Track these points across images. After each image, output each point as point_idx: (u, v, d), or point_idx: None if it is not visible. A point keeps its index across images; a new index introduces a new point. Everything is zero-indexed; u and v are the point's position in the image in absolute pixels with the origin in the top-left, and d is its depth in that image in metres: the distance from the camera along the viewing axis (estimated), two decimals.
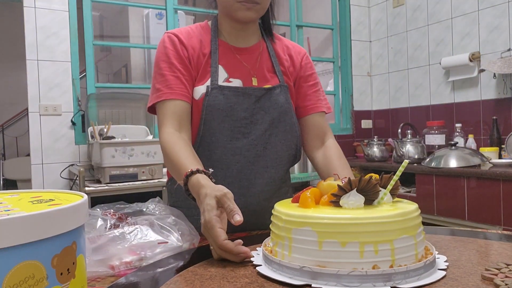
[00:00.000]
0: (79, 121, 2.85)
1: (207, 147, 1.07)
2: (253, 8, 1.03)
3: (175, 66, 1.06)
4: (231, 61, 1.11)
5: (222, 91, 1.05)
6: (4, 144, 6.90)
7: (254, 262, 0.72)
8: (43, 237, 0.42)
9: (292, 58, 1.18)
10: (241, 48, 1.13)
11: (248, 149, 1.07)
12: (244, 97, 1.06)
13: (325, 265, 0.63)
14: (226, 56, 1.11)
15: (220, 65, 1.09)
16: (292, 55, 1.19)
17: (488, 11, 2.94)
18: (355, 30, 3.84)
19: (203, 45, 1.10)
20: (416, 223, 0.67)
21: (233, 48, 1.12)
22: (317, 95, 1.20)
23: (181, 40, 1.08)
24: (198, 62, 1.08)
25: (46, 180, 2.76)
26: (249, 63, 1.12)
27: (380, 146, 3.27)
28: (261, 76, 1.12)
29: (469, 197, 2.44)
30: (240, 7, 1.03)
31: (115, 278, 0.72)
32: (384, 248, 0.62)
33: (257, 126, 1.07)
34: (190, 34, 1.11)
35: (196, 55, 1.08)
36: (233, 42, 1.13)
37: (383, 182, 0.72)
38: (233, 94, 1.06)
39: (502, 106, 2.89)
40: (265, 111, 1.08)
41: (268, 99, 1.09)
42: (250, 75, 1.11)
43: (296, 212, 0.67)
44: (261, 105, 1.08)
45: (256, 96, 1.08)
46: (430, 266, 0.66)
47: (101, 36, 5.26)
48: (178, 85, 1.05)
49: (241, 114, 1.06)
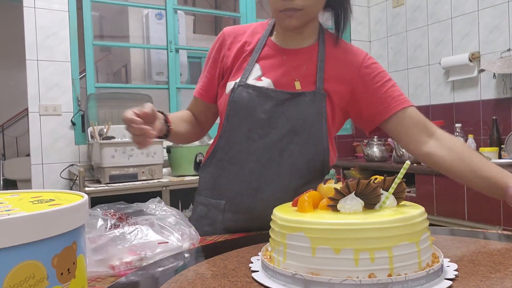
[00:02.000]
0: (79, 121, 2.85)
1: (227, 141, 1.09)
2: (294, 15, 1.00)
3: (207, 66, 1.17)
4: (272, 61, 1.09)
5: (247, 89, 1.05)
6: (4, 144, 6.90)
7: (252, 268, 0.72)
8: (43, 237, 0.42)
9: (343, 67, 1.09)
10: (289, 50, 1.09)
11: (263, 152, 1.05)
12: (266, 98, 1.04)
13: (319, 272, 0.60)
14: (268, 56, 1.09)
15: (258, 63, 1.09)
16: (344, 63, 1.09)
17: (488, 11, 2.94)
18: (354, 30, 3.84)
19: (247, 44, 1.12)
20: (420, 229, 0.63)
21: (279, 49, 1.09)
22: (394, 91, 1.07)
23: (227, 36, 1.14)
24: (235, 59, 1.11)
25: (46, 180, 2.76)
26: (293, 64, 1.08)
27: (380, 146, 3.27)
28: (305, 80, 1.06)
29: (469, 197, 2.44)
30: (283, 16, 1.01)
31: (115, 278, 0.72)
32: (381, 255, 0.59)
33: (275, 131, 1.04)
34: (240, 31, 1.15)
35: (236, 52, 1.12)
36: (283, 43, 1.10)
37: (387, 184, 0.69)
38: (256, 94, 1.04)
39: (502, 106, 2.90)
40: (286, 117, 1.04)
41: (294, 105, 1.04)
42: (291, 77, 1.06)
43: (290, 217, 0.65)
44: (284, 110, 1.04)
45: (278, 100, 1.04)
46: (435, 276, 0.62)
47: (101, 36, 5.26)
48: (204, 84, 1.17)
49: (260, 115, 1.04)
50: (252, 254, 0.80)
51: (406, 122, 1.05)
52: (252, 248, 0.85)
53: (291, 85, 1.05)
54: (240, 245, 0.88)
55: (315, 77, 1.06)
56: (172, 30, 3.17)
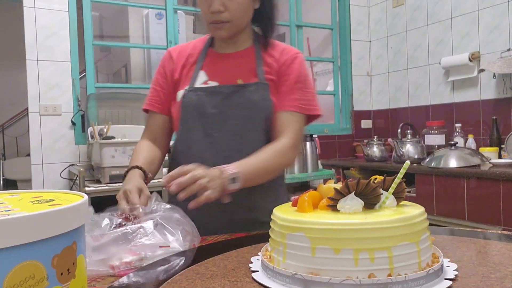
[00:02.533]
0: (79, 121, 2.85)
1: (186, 143, 1.17)
2: (223, 27, 1.12)
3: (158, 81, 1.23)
4: (215, 66, 1.20)
5: (196, 92, 1.15)
6: (4, 144, 6.89)
7: (252, 268, 0.72)
8: (43, 237, 0.42)
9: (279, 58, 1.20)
10: (228, 54, 1.21)
11: (222, 143, 1.14)
12: (214, 95, 1.15)
13: (319, 272, 0.61)
14: (211, 63, 1.21)
15: (203, 70, 1.19)
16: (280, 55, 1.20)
17: (488, 11, 2.94)
18: (354, 30, 3.84)
19: (191, 56, 1.22)
20: (420, 228, 0.63)
21: (220, 55, 1.21)
22: (291, 94, 1.17)
23: (171, 55, 1.23)
24: (182, 71, 1.21)
25: (46, 180, 2.76)
26: (234, 66, 1.19)
27: (379, 146, 3.27)
28: (245, 77, 1.18)
29: (469, 197, 2.44)
30: (213, 27, 1.13)
31: (115, 278, 0.72)
32: (381, 255, 0.59)
33: (230, 121, 1.14)
34: (183, 48, 1.25)
35: (180, 66, 1.21)
36: (222, 50, 1.22)
37: (387, 184, 0.69)
38: (204, 94, 1.15)
39: (502, 106, 2.90)
40: (237, 107, 1.14)
41: (240, 96, 1.15)
42: (233, 76, 1.17)
43: (289, 217, 0.65)
44: (232, 101, 1.14)
45: (225, 93, 1.15)
46: (435, 276, 0.62)
47: (101, 36, 5.26)
48: (155, 97, 1.22)
49: (211, 111, 1.14)
50: (252, 254, 0.80)
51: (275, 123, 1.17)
52: (252, 248, 0.85)
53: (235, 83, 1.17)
54: (240, 245, 0.88)
55: (255, 73, 1.18)
56: (172, 30, 3.17)
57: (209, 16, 1.11)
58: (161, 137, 1.23)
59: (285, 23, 3.73)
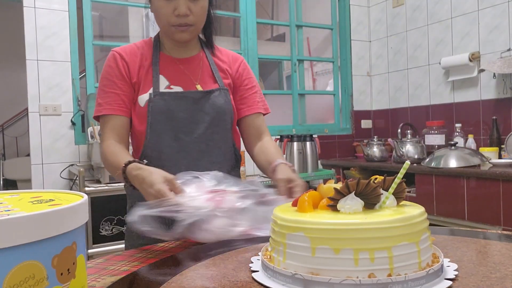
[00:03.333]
0: (79, 121, 2.85)
1: (156, 148, 1.17)
2: (187, 30, 1.14)
3: (115, 84, 1.17)
4: (172, 70, 1.21)
5: (163, 96, 1.16)
6: (4, 144, 6.89)
7: (253, 268, 0.72)
8: (43, 237, 0.42)
9: (230, 65, 1.29)
10: (182, 59, 1.23)
11: (192, 147, 1.17)
12: (182, 100, 1.17)
13: (319, 272, 0.61)
14: (167, 67, 1.21)
15: (162, 75, 1.19)
16: (230, 62, 1.30)
17: (488, 11, 2.94)
18: (354, 30, 3.84)
19: (144, 58, 1.21)
20: (420, 228, 0.63)
21: (174, 59, 1.22)
22: (253, 97, 1.30)
23: (122, 56, 1.19)
24: (139, 74, 1.19)
25: (46, 180, 2.76)
26: (191, 71, 1.22)
27: (379, 146, 3.27)
28: (204, 83, 1.22)
29: (469, 197, 2.44)
30: (175, 30, 1.14)
31: (115, 278, 0.72)
32: (381, 255, 0.59)
33: (198, 126, 1.18)
34: (132, 49, 1.22)
35: (136, 68, 1.19)
36: (174, 54, 1.23)
37: (387, 184, 0.69)
38: (172, 99, 1.16)
39: (502, 106, 2.90)
40: (205, 112, 1.18)
41: (207, 101, 1.19)
42: (192, 82, 1.21)
43: (289, 217, 0.65)
44: (200, 106, 1.18)
45: (193, 99, 1.18)
46: (435, 276, 0.62)
47: (101, 36, 5.26)
48: (117, 101, 1.17)
49: (181, 115, 1.16)
50: (252, 254, 0.80)
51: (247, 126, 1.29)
52: (252, 248, 0.85)
53: (194, 88, 1.20)
54: (240, 245, 0.88)
55: (213, 78, 1.24)
56: None
57: (173, 19, 1.12)
58: (126, 140, 1.20)
59: (285, 23, 3.73)
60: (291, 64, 3.65)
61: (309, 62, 4.65)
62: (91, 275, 0.75)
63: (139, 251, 0.92)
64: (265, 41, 5.57)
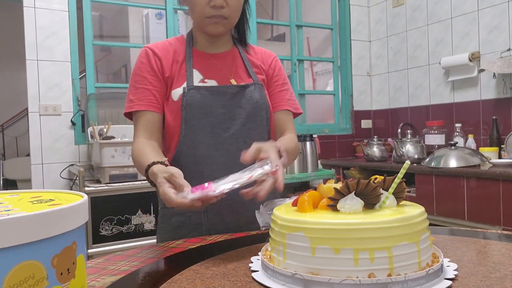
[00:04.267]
0: (79, 121, 2.85)
1: (191, 144, 1.12)
2: (220, 22, 1.12)
3: (146, 79, 1.14)
4: (206, 65, 1.18)
5: (198, 90, 1.13)
6: (4, 144, 6.89)
7: (253, 268, 0.72)
8: (43, 237, 0.42)
9: (263, 60, 1.27)
10: (214, 54, 1.21)
11: (230, 143, 1.13)
12: (220, 94, 1.14)
13: (319, 272, 0.61)
14: (201, 61, 1.19)
15: (195, 69, 1.17)
16: (263, 58, 1.28)
17: (488, 10, 2.94)
18: (354, 30, 3.84)
19: (177, 54, 1.18)
20: (420, 228, 0.63)
21: (207, 54, 1.20)
22: (283, 95, 1.27)
23: (155, 52, 1.17)
24: (172, 69, 1.17)
25: (46, 180, 2.76)
26: (224, 66, 1.20)
27: (379, 146, 3.27)
28: (238, 77, 1.20)
29: (468, 197, 2.44)
30: (209, 22, 1.12)
31: (115, 278, 0.72)
32: (380, 255, 0.59)
33: (235, 121, 1.14)
34: (165, 45, 1.20)
35: (170, 63, 1.17)
36: (207, 50, 1.21)
37: (387, 184, 0.69)
38: (209, 93, 1.13)
39: (502, 106, 2.90)
40: (241, 107, 1.15)
41: (243, 96, 1.16)
42: (227, 76, 1.18)
43: (289, 217, 0.65)
44: (237, 101, 1.15)
45: (231, 93, 1.15)
46: (434, 275, 0.62)
47: (101, 36, 5.26)
48: (148, 97, 1.14)
49: (218, 111, 1.13)
50: (252, 254, 0.80)
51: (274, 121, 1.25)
52: (252, 248, 0.85)
53: (229, 83, 1.17)
54: (240, 245, 0.88)
55: (247, 73, 1.21)
56: (172, 30, 3.17)
57: (208, 10, 1.09)
58: (158, 136, 1.16)
59: (285, 23, 3.73)
60: (291, 64, 3.65)
61: (309, 62, 4.65)
62: (91, 275, 0.75)
63: (139, 250, 0.92)
64: (265, 41, 5.57)
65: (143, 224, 2.40)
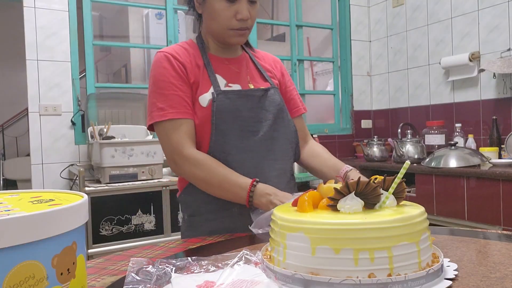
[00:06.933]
0: (79, 121, 2.85)
1: (221, 148, 1.11)
2: (244, 34, 1.15)
3: (174, 85, 1.11)
4: (226, 70, 1.19)
5: (227, 95, 1.13)
6: (4, 144, 6.89)
7: None
8: (43, 237, 0.42)
9: (272, 66, 1.31)
10: (230, 59, 1.22)
11: (259, 146, 1.15)
12: (247, 98, 1.15)
13: (319, 272, 0.60)
14: (220, 66, 1.19)
15: (217, 74, 1.17)
16: (271, 63, 1.31)
17: (488, 10, 2.94)
18: (354, 30, 3.84)
19: (196, 58, 1.17)
20: (420, 228, 0.63)
21: (223, 59, 1.21)
22: (296, 98, 1.33)
23: (176, 57, 1.14)
24: (196, 73, 1.15)
25: (46, 180, 2.76)
26: (242, 71, 1.22)
27: (379, 146, 3.27)
28: (255, 81, 1.22)
29: (468, 197, 2.44)
30: (234, 34, 1.13)
31: (115, 278, 0.72)
32: (381, 255, 0.59)
33: (263, 124, 1.16)
34: (182, 50, 1.17)
35: (192, 68, 1.15)
36: (221, 54, 1.21)
37: (387, 184, 0.69)
38: (237, 97, 1.14)
39: (502, 106, 2.89)
40: (267, 110, 1.18)
41: (266, 99, 1.18)
42: (246, 80, 1.20)
43: (289, 217, 0.65)
44: (262, 104, 1.17)
45: (257, 97, 1.17)
46: (435, 275, 0.62)
47: (101, 36, 5.26)
48: (182, 103, 1.11)
49: (247, 114, 1.14)
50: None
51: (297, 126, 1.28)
52: (252, 248, 0.85)
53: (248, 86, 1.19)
54: (240, 245, 0.88)
55: (261, 77, 1.24)
56: (172, 30, 3.17)
57: (234, 22, 1.10)
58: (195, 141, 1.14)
59: (285, 23, 3.73)
60: (291, 64, 3.65)
61: (309, 62, 4.65)
62: (91, 275, 0.75)
63: (139, 250, 0.92)
64: (265, 41, 5.56)
65: (143, 224, 2.40)
